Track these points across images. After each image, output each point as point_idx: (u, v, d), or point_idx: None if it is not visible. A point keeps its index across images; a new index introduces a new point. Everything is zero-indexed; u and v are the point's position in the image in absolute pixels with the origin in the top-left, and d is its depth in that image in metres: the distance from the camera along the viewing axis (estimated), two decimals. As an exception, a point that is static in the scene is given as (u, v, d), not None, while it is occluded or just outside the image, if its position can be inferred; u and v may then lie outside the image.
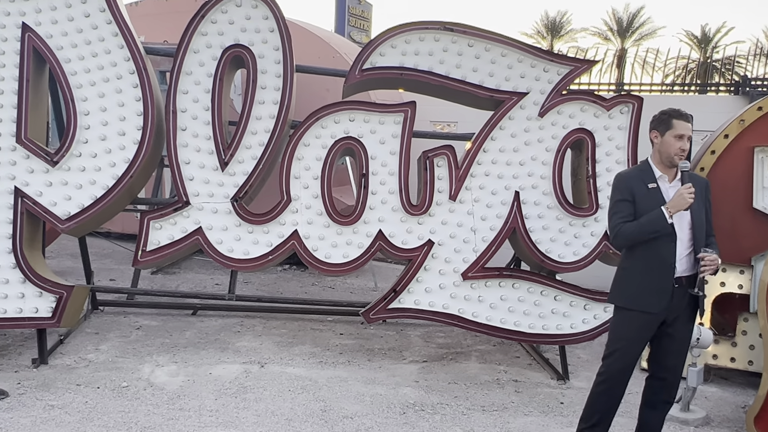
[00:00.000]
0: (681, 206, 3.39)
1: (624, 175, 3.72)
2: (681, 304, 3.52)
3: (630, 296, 3.59)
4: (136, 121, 4.90)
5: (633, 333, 3.59)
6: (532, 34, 43.21)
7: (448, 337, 6.10)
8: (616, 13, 41.29)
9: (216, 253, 4.96)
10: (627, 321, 3.60)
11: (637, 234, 3.49)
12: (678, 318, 3.54)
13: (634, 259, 3.59)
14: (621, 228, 3.53)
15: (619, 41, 41.15)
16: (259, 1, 4.99)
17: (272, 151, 4.98)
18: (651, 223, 3.44)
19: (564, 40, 43.19)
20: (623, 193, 3.58)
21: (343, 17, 21.93)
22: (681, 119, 3.49)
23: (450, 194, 5.02)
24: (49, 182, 4.83)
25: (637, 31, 41.05)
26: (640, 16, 40.90)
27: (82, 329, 5.78)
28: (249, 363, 5.17)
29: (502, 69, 5.03)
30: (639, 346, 3.63)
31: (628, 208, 3.53)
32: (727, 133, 5.39)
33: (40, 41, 4.83)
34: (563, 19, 43.41)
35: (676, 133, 3.47)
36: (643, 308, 3.52)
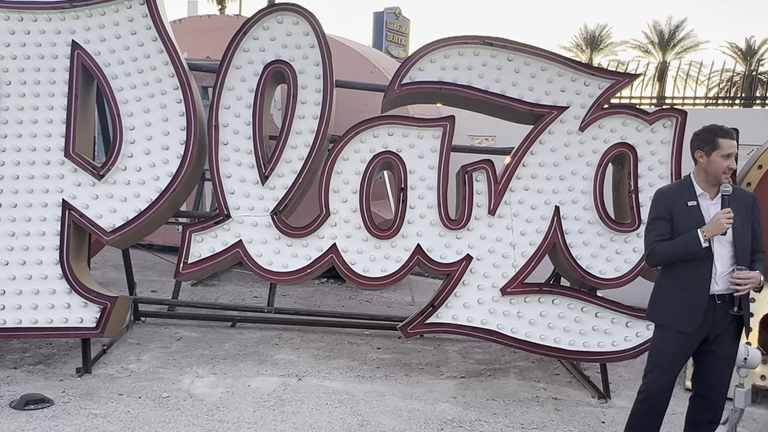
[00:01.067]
0: (717, 231, 3.33)
1: (664, 191, 3.66)
2: (723, 322, 3.44)
3: (665, 314, 3.55)
4: (179, 135, 5.01)
5: (671, 350, 3.53)
6: (571, 47, 42.83)
7: (486, 352, 6.04)
8: (657, 26, 40.61)
9: (255, 266, 5.02)
10: (664, 338, 3.56)
11: (670, 254, 3.46)
12: (721, 336, 3.46)
13: (670, 277, 3.55)
14: (655, 247, 3.50)
15: (660, 54, 40.50)
16: (300, 18, 5.06)
17: (312, 165, 5.03)
18: (686, 245, 3.39)
19: (603, 54, 42.69)
20: (660, 211, 3.53)
21: (380, 32, 22.09)
22: (726, 137, 3.42)
23: (489, 209, 4.99)
24: (95, 195, 4.95)
25: (679, 44, 40.36)
26: (682, 29, 40.23)
27: (124, 339, 5.88)
28: (287, 376, 5.20)
29: (542, 83, 5.00)
30: (678, 364, 3.56)
31: (664, 226, 3.48)
32: (774, 148, 5.26)
33: (89, 58, 4.98)
34: (603, 33, 42.92)
35: (723, 152, 3.40)
36: (677, 327, 3.47)
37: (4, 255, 4.85)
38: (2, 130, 4.92)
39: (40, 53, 4.98)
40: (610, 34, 46.40)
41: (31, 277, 4.86)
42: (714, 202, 3.45)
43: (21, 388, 4.64)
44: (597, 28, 43.19)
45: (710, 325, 3.44)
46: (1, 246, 4.85)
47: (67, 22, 5.00)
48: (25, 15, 4.99)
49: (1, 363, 5.18)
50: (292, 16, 5.07)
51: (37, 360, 5.28)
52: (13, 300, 4.84)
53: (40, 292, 4.86)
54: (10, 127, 4.92)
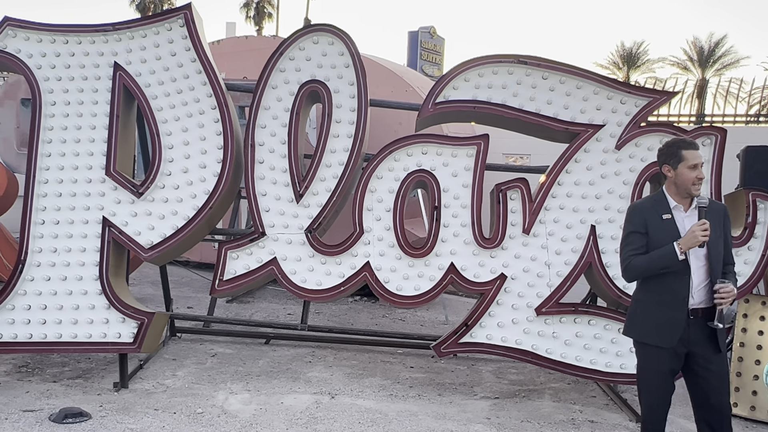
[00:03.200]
0: (693, 244, 3.29)
1: (637, 206, 3.66)
2: (700, 337, 3.38)
3: (643, 330, 3.52)
4: (216, 154, 5.09)
5: (653, 367, 3.49)
6: (607, 65, 42.51)
7: (521, 373, 5.96)
8: (697, 42, 40.09)
9: (290, 284, 5.05)
10: (645, 355, 3.54)
11: (646, 269, 3.45)
12: (703, 352, 3.40)
13: (647, 292, 3.52)
14: (631, 261, 3.48)
15: (699, 71, 39.92)
16: (335, 38, 5.12)
17: (346, 183, 5.06)
18: (662, 258, 3.36)
19: (641, 71, 42.28)
20: (635, 225, 3.51)
21: (415, 51, 22.21)
22: (690, 148, 3.43)
23: (523, 228, 4.96)
24: (134, 212, 5.05)
25: (719, 61, 39.74)
26: (722, 45, 39.64)
27: (160, 355, 5.96)
28: (320, 393, 5.20)
29: (578, 101, 4.97)
30: (663, 381, 3.49)
31: (639, 240, 3.46)
32: (819, 166, 5.13)
33: (130, 79, 5.11)
34: (640, 50, 42.55)
35: (689, 164, 3.40)
36: (656, 342, 3.43)
37: (46, 271, 4.97)
38: (46, 149, 5.06)
39: (83, 74, 5.13)
40: (647, 51, 45.90)
41: (71, 293, 4.97)
42: (688, 214, 3.43)
43: (60, 402, 4.72)
44: (634, 45, 42.74)
45: (688, 339, 3.38)
46: (44, 262, 4.98)
47: (110, 44, 5.14)
48: (69, 37, 5.15)
49: (42, 376, 5.29)
50: (328, 37, 5.14)
51: (76, 374, 5.38)
52: (54, 315, 4.95)
53: (79, 307, 4.96)
54: (54, 146, 5.07)
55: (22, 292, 4.95)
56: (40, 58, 5.11)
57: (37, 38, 5.12)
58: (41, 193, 5.02)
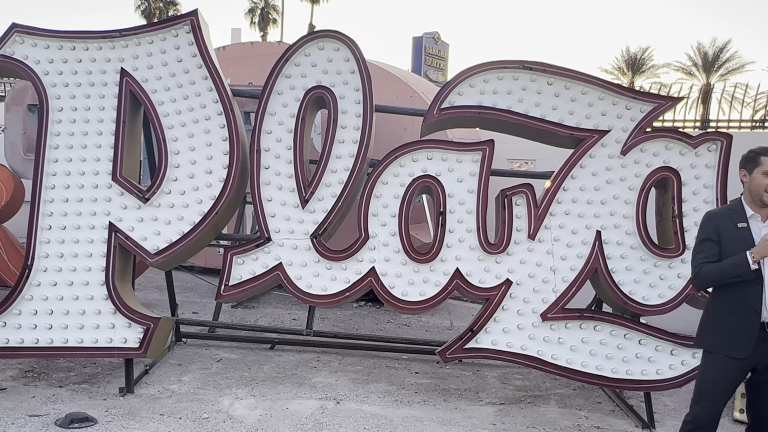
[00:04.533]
0: (766, 253, 3.26)
1: (713, 214, 3.63)
2: None
3: (713, 340, 3.48)
4: (222, 159, 5.11)
5: (719, 378, 3.46)
6: (612, 70, 42.52)
7: (526, 379, 5.95)
8: (701, 47, 40.05)
9: (295, 289, 5.06)
10: (712, 365, 3.49)
11: (717, 277, 3.42)
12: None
13: (719, 301, 3.49)
14: (702, 269, 3.46)
15: (704, 76, 39.87)
16: (340, 44, 5.14)
17: (351, 188, 5.07)
18: (733, 267, 3.33)
19: (645, 76, 42.25)
20: (708, 233, 3.49)
21: (419, 57, 22.27)
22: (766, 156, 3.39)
23: (529, 233, 4.96)
24: (141, 218, 5.07)
25: (723, 66, 39.69)
26: (726, 50, 39.59)
27: (165, 360, 5.97)
28: (325, 399, 5.20)
29: (583, 107, 4.97)
30: (727, 394, 3.48)
31: (712, 248, 3.44)
32: (825, 172, 5.11)
33: (137, 85, 5.13)
34: (644, 55, 42.56)
35: (764, 170, 3.37)
36: (728, 353, 3.40)
37: (52, 276, 4.99)
38: (53, 155, 5.09)
39: (90, 80, 5.15)
40: (652, 57, 45.89)
41: (77, 298, 4.98)
42: (766, 224, 3.39)
43: (66, 407, 4.73)
44: (639, 50, 42.76)
45: (759, 353, 3.35)
46: (50, 267, 4.99)
47: (116, 50, 5.16)
48: (76, 44, 5.17)
49: (48, 381, 5.30)
50: (333, 43, 5.16)
51: (81, 379, 5.39)
52: (60, 320, 4.96)
53: (86, 312, 4.97)
54: (61, 152, 5.09)
55: (29, 297, 4.97)
56: (47, 65, 5.14)
57: (44, 45, 5.15)
58: (48, 198, 5.04)
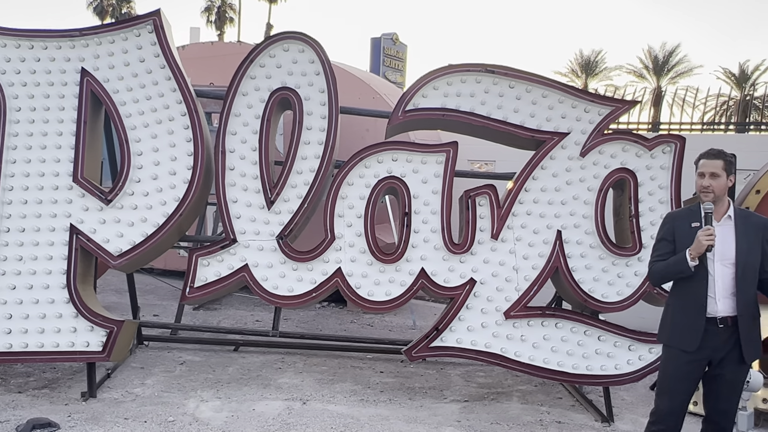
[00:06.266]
0: (700, 249, 3.38)
1: (672, 214, 3.81)
2: (725, 346, 3.47)
3: (668, 334, 3.62)
4: (186, 161, 5.07)
5: (675, 372, 3.58)
6: (566, 72, 43.33)
7: (489, 376, 6.06)
8: (651, 51, 41.14)
9: (261, 290, 5.06)
10: (669, 359, 3.63)
11: (664, 274, 3.59)
12: (725, 360, 3.49)
13: (674, 297, 3.64)
14: (653, 266, 3.64)
15: (654, 79, 40.96)
16: (305, 46, 5.16)
17: (317, 190, 5.09)
18: (676, 264, 3.48)
19: (598, 79, 43.17)
20: (664, 233, 3.65)
21: (378, 58, 22.35)
22: (703, 158, 3.55)
23: (492, 233, 5.06)
24: (103, 220, 5.00)
25: (673, 69, 40.85)
26: (676, 54, 40.75)
27: (127, 364, 5.89)
28: (291, 400, 5.21)
29: (543, 110, 5.09)
30: (685, 387, 3.58)
31: (665, 247, 3.59)
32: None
33: (98, 85, 5.06)
34: (597, 58, 43.48)
35: (699, 171, 3.54)
36: (680, 346, 3.54)
37: (11, 279, 4.89)
38: (11, 156, 4.98)
39: (49, 80, 5.06)
40: (604, 60, 46.95)
41: (38, 301, 4.89)
42: (720, 223, 3.51)
43: (27, 413, 4.64)
44: (592, 53, 43.67)
45: (712, 348, 3.47)
46: (9, 270, 4.89)
47: (76, 49, 5.08)
48: (35, 43, 5.08)
49: (6, 387, 5.18)
50: (298, 44, 5.17)
51: (41, 384, 5.28)
52: (20, 324, 4.86)
53: (46, 316, 4.88)
54: (19, 153, 4.99)
55: (-13, 301, 4.86)
56: (4, 63, 5.03)
57: (1, 44, 5.04)
58: (6, 200, 4.94)
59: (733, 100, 33.96)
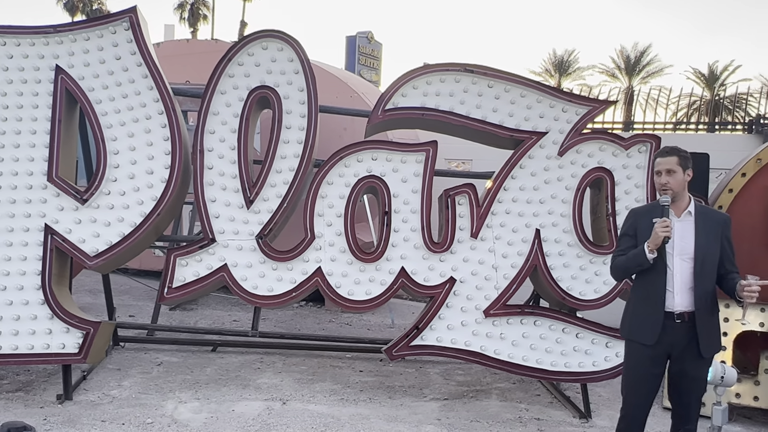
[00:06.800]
0: (656, 242, 3.45)
1: (635, 210, 3.87)
2: (683, 341, 3.51)
3: (630, 327, 3.69)
4: (164, 160, 5.02)
5: (636, 365, 3.64)
6: (540, 72, 43.62)
7: (468, 374, 6.09)
8: (624, 51, 41.65)
9: (240, 290, 5.02)
10: (630, 353, 3.70)
11: (624, 267, 3.66)
12: (684, 355, 3.54)
13: (635, 290, 3.71)
14: (614, 261, 3.72)
15: (626, 79, 41.47)
16: (284, 44, 5.13)
17: (297, 189, 5.07)
18: (635, 258, 3.55)
19: (571, 78, 43.56)
20: (626, 228, 3.73)
21: (353, 56, 22.34)
22: (658, 156, 3.62)
23: (471, 232, 5.08)
24: (78, 220, 4.92)
25: (644, 69, 41.39)
26: (647, 54, 41.29)
27: (103, 365, 5.81)
28: (271, 400, 5.18)
29: (522, 109, 5.12)
30: (648, 380, 3.62)
31: (627, 242, 3.67)
32: (744, 172, 5.46)
33: (73, 83, 4.98)
34: (570, 58, 43.84)
35: (655, 170, 3.62)
36: (638, 340, 3.60)
37: (-16, 280, 4.79)
38: (-17, 155, 4.88)
39: (23, 77, 4.96)
40: (577, 59, 47.46)
41: (11, 303, 4.80)
42: (680, 218, 3.57)
43: (1, 416, 4.55)
44: (565, 53, 44.03)
45: (670, 342, 3.52)
46: (-18, 271, 4.79)
47: (50, 46, 4.99)
48: (7, 39, 4.98)
49: (-21, 391, 5.09)
50: (277, 43, 5.14)
51: (15, 387, 5.19)
52: (-7, 326, 4.77)
53: (21, 317, 4.80)
54: (-8, 151, 4.89)
55: (-41, 303, 4.76)
56: (-25, 61, 4.93)
57: (-28, 40, 4.94)
58: (-22, 200, 4.83)
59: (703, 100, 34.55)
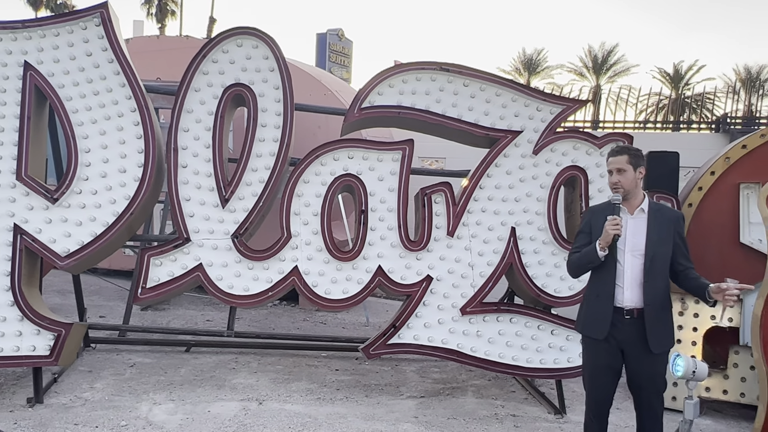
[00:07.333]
0: (607, 239, 3.51)
1: (592, 208, 3.96)
2: (632, 336, 3.56)
3: (582, 323, 3.77)
4: (137, 158, 4.94)
5: (591, 360, 3.72)
6: (510, 71, 44.00)
7: (444, 372, 6.12)
8: (591, 51, 42.24)
9: (216, 290, 4.97)
10: (586, 348, 3.77)
11: (577, 264, 3.74)
12: (635, 350, 3.58)
13: (589, 286, 3.78)
14: (569, 258, 3.82)
15: (594, 78, 42.05)
16: (259, 42, 5.08)
17: (272, 188, 5.03)
18: (587, 254, 3.63)
19: (540, 77, 44.04)
20: (583, 226, 3.81)
21: (323, 53, 22.25)
22: (610, 155, 3.69)
23: (448, 230, 5.10)
24: (49, 219, 4.82)
25: (611, 68, 42.03)
26: (614, 54, 41.93)
27: (75, 367, 5.70)
28: (247, 400, 5.14)
29: (497, 108, 5.16)
30: (605, 373, 3.67)
31: (583, 239, 3.74)
32: (713, 170, 5.57)
33: (42, 79, 4.87)
34: (539, 57, 44.31)
35: (607, 169, 3.69)
36: (590, 334, 3.68)
37: (-50, 282, 4.66)
38: (-51, 153, 4.75)
39: (-11, 74, 4.85)
40: (546, 58, 47.96)
41: (-21, 305, 4.68)
42: (633, 216, 3.63)
43: (-31, 421, 4.46)
44: (534, 52, 44.48)
45: (621, 337, 3.57)
46: (-52, 272, 4.67)
47: (19, 42, 4.87)
48: (-26, 35, 4.85)
49: (-55, 395, 4.96)
50: (252, 40, 5.09)
51: (-17, 391, 5.08)
52: (-40, 329, 4.65)
53: (-11, 320, 4.69)
54: (-42, 150, 4.76)
55: (-76, 306, 4.62)
56: (-60, 56, 4.79)
57: (-63, 35, 4.80)
58: (-56, 199, 4.70)
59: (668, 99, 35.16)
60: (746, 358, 5.14)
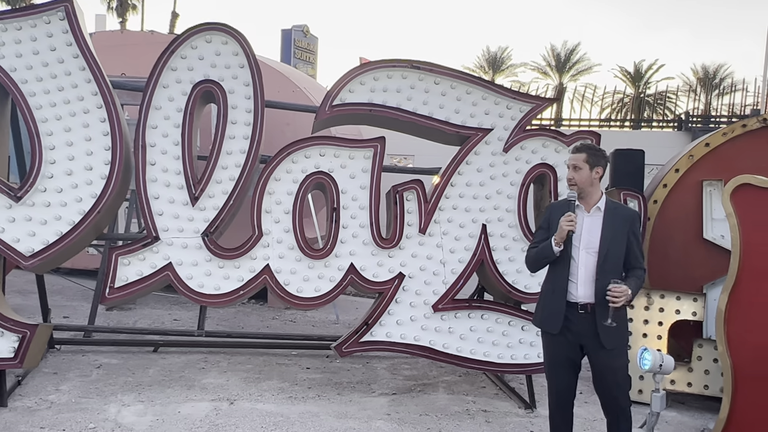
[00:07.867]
0: (562, 235, 3.59)
1: (551, 204, 4.07)
2: (587, 332, 3.62)
3: (539, 317, 3.85)
4: (103, 155, 4.84)
5: (551, 354, 3.79)
6: (475, 68, 44.26)
7: (414, 368, 6.14)
8: (554, 49, 42.75)
9: (186, 289, 4.91)
10: (545, 341, 3.84)
11: (534, 259, 3.84)
12: (591, 345, 3.64)
13: (545, 281, 3.85)
14: (527, 252, 3.92)
15: (557, 76, 42.59)
16: (229, 38, 5.03)
17: (243, 185, 4.99)
18: (543, 250, 3.71)
19: (504, 75, 44.39)
20: (542, 222, 3.90)
21: (289, 50, 22.08)
22: (571, 152, 3.79)
23: (419, 227, 5.12)
24: (12, 218, 4.70)
25: (574, 67, 42.60)
26: (576, 52, 42.50)
27: (39, 369, 5.57)
28: (218, 400, 5.09)
29: (468, 106, 5.18)
30: (564, 365, 3.74)
31: (541, 235, 3.82)
32: (677, 168, 5.70)
33: (4, 74, 4.74)
34: (504, 55, 44.67)
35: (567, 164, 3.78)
36: (545, 328, 3.77)
37: None
38: None
39: (-51, 68, 4.70)
40: (510, 57, 48.37)
41: (-60, 307, 4.55)
42: (590, 214, 3.70)
43: (-70, 427, 4.32)
44: (498, 50, 44.86)
45: (576, 332, 3.64)
46: None
47: (-21, 36, 4.74)
48: (-68, 28, 4.70)
49: None
50: (221, 36, 5.03)
51: (-56, 395, 4.92)
52: None
53: (-50, 322, 4.55)
54: None
55: None
56: None
57: None
58: None
59: (629, 98, 35.82)
60: (710, 351, 5.28)
